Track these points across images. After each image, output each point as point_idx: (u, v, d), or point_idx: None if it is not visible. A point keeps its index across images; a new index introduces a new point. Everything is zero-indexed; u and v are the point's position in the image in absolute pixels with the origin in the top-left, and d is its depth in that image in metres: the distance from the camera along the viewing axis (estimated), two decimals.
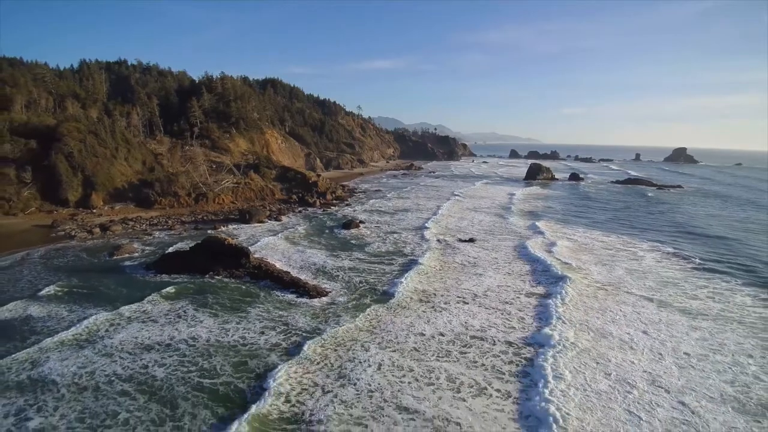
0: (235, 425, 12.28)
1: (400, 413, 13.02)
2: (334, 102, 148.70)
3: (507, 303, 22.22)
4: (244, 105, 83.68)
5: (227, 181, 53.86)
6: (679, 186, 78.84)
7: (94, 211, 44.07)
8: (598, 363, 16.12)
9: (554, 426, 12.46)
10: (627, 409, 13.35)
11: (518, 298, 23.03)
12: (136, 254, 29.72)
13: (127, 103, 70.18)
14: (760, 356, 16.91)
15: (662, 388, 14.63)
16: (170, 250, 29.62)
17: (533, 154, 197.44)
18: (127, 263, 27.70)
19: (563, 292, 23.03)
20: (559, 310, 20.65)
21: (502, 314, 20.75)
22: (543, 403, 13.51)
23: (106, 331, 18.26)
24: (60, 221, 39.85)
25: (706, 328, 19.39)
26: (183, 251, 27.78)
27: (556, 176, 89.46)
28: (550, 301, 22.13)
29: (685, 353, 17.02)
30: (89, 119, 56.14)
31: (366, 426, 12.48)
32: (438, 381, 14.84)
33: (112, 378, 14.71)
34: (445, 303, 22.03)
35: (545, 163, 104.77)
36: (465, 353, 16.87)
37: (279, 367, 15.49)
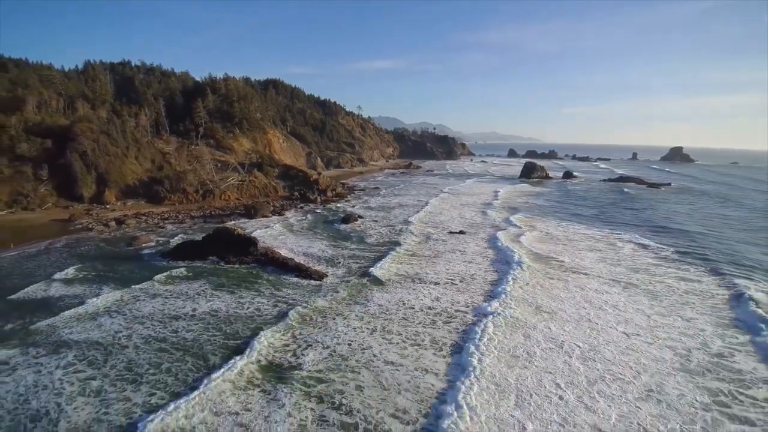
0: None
1: (374, 359, 15.73)
2: (335, 102, 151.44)
3: (466, 282, 25.37)
4: (247, 105, 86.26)
5: (232, 179, 56.52)
6: (669, 184, 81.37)
7: (108, 206, 46.73)
8: (524, 329, 18.91)
9: (471, 372, 15.29)
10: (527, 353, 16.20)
11: (477, 278, 26.06)
12: (152, 244, 32.41)
13: (134, 104, 72.80)
14: (710, 330, 19.51)
15: (577, 346, 17.37)
16: (184, 240, 32.26)
17: (531, 154, 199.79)
18: (146, 251, 30.38)
19: (516, 274, 26.07)
20: (507, 288, 23.52)
21: (459, 290, 23.93)
22: (467, 357, 16.38)
23: (134, 305, 20.99)
24: (77, 216, 42.47)
25: (626, 298, 22.11)
26: (196, 241, 30.40)
27: (549, 175, 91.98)
28: (504, 278, 25.34)
29: (623, 332, 19.60)
30: (100, 120, 58.82)
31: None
32: (401, 335, 18.34)
33: (149, 339, 17.48)
34: (420, 281, 25.33)
35: (542, 163, 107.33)
36: (423, 320, 20.08)
37: (286, 329, 18.53)
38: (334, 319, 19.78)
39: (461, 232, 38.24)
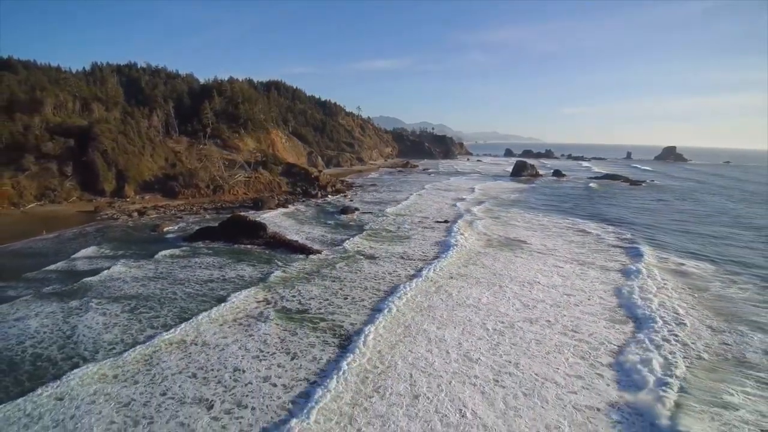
0: None
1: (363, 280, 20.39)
2: (335, 103, 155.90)
3: (423, 249, 31.89)
4: (251, 107, 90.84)
5: (240, 176, 61.10)
6: (644, 181, 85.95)
7: (128, 199, 51.32)
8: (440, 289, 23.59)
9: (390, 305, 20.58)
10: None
11: (430, 249, 32.21)
12: (174, 229, 37.02)
13: (143, 106, 77.31)
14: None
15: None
16: (202, 226, 36.82)
17: (527, 153, 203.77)
18: (169, 236, 34.97)
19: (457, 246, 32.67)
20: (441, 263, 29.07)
21: (400, 262, 29.20)
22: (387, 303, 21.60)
23: (169, 273, 25.69)
24: (101, 208, 47.01)
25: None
26: (213, 226, 34.96)
27: (540, 173, 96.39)
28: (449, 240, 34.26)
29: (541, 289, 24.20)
30: (116, 121, 63.40)
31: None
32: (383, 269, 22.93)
33: (191, 293, 22.46)
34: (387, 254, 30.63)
35: (539, 161, 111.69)
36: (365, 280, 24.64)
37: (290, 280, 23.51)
38: (325, 273, 25.16)
39: (426, 218, 44.99)
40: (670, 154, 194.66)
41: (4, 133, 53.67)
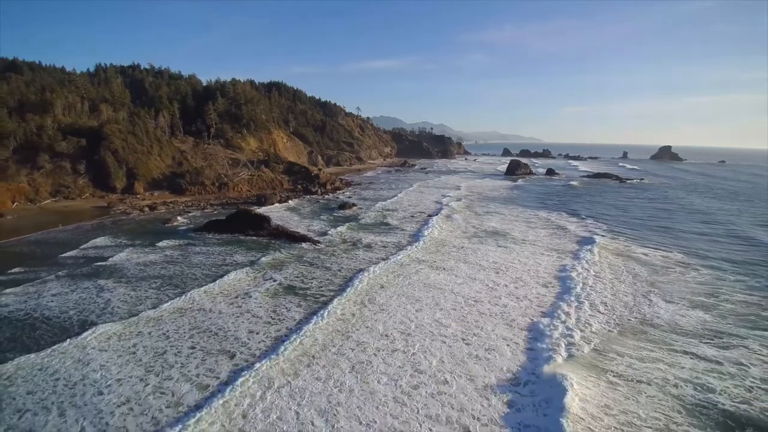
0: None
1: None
2: (335, 104, 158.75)
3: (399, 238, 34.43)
4: (254, 108, 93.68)
5: (243, 174, 63.94)
6: (641, 179, 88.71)
7: (138, 196, 54.16)
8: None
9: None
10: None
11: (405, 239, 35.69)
12: (185, 221, 39.88)
13: (147, 106, 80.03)
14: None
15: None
16: (210, 220, 39.65)
17: (525, 153, 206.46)
18: (180, 228, 37.79)
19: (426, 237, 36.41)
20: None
21: (377, 248, 32.16)
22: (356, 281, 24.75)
23: (185, 258, 28.72)
24: (113, 203, 49.87)
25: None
26: (221, 219, 37.77)
27: (533, 171, 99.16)
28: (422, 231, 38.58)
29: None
30: (124, 121, 66.22)
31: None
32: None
33: (208, 274, 25.71)
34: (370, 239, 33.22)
35: (532, 161, 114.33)
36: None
37: (292, 260, 26.15)
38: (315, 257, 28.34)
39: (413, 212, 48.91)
40: (665, 154, 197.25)
41: (19, 133, 56.50)
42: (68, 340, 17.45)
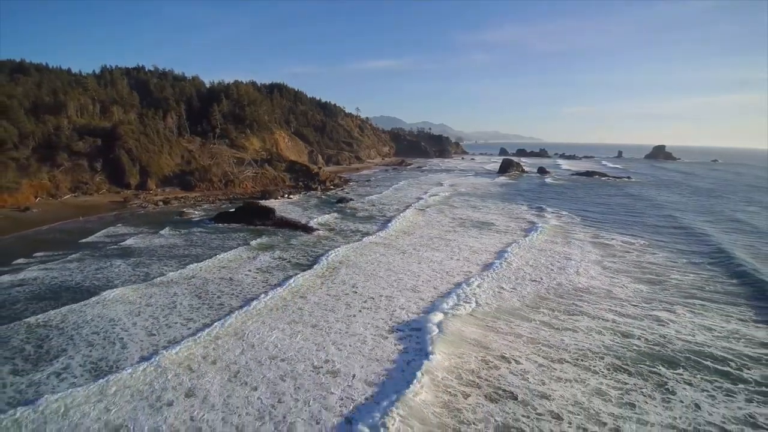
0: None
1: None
2: (335, 104, 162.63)
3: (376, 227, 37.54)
4: (257, 109, 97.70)
5: (248, 172, 68.01)
6: (628, 177, 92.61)
7: (151, 191, 58.21)
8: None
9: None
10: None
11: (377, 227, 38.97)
12: (197, 213, 43.96)
13: (153, 107, 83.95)
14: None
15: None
16: (220, 211, 43.75)
17: (521, 152, 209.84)
18: (194, 219, 41.82)
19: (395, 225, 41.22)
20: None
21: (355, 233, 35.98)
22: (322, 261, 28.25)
23: (204, 241, 32.93)
24: (129, 198, 53.86)
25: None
26: (231, 211, 41.81)
27: (525, 170, 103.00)
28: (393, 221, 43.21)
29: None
30: (134, 122, 70.27)
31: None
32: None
33: (228, 245, 30.07)
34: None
35: (530, 160, 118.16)
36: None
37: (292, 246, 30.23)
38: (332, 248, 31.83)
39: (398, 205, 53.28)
40: (659, 153, 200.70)
41: (37, 134, 60.50)
42: (94, 297, 21.81)
